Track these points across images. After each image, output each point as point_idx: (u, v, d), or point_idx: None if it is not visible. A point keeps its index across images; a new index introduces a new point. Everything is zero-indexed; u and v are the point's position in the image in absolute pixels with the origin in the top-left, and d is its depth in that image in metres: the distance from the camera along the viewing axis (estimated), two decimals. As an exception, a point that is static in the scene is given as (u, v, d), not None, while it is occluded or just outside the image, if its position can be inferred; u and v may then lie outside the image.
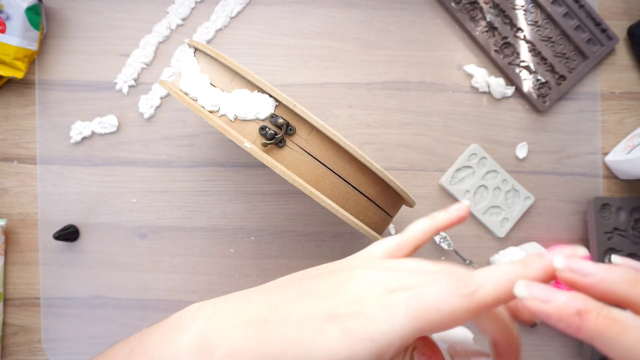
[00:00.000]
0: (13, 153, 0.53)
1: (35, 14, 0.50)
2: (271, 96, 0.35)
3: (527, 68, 0.55)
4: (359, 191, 0.37)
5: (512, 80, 0.54)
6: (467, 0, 0.54)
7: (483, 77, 0.54)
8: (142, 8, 0.54)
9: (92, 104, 0.53)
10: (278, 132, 0.36)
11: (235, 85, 0.36)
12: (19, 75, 0.51)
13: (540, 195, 0.55)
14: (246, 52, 0.54)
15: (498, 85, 0.54)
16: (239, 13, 0.55)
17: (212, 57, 0.37)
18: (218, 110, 0.37)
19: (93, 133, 0.53)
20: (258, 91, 0.36)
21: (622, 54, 0.56)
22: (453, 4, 0.54)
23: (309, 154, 0.36)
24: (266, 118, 0.36)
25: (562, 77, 0.54)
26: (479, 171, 0.54)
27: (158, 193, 0.53)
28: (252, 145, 0.35)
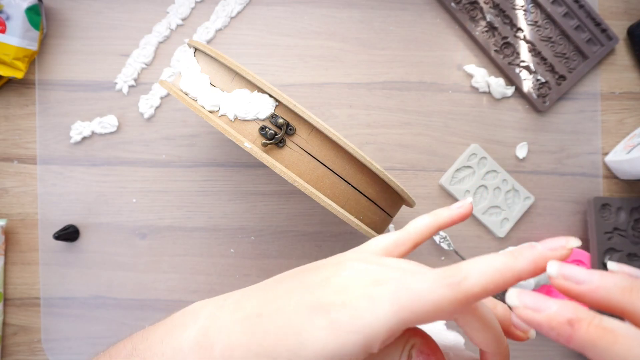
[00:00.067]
0: (13, 153, 0.53)
1: (35, 14, 0.50)
2: (271, 96, 0.35)
3: (527, 68, 0.55)
4: (359, 191, 0.37)
5: (512, 80, 0.54)
6: (467, 0, 0.54)
7: (483, 77, 0.54)
8: (142, 8, 0.54)
9: (92, 104, 0.53)
10: (278, 132, 0.36)
11: (235, 85, 0.37)
12: (19, 75, 0.51)
13: (540, 195, 0.55)
14: (246, 52, 0.54)
15: (498, 85, 0.54)
16: (239, 13, 0.55)
17: (212, 57, 0.37)
18: (218, 110, 0.37)
19: (93, 133, 0.53)
20: (258, 91, 0.36)
21: (622, 54, 0.56)
22: (453, 4, 0.54)
23: (309, 154, 0.36)
24: (266, 118, 0.36)
25: (562, 77, 0.54)
26: (479, 171, 0.54)
27: (158, 193, 0.53)
28: (252, 145, 0.35)
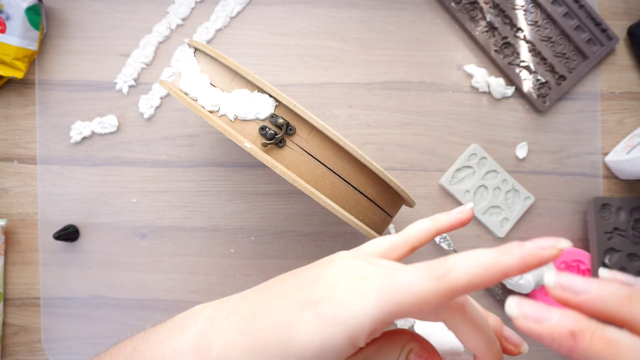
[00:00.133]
0: (13, 153, 0.53)
1: (35, 14, 0.50)
2: (271, 96, 0.35)
3: (527, 68, 0.55)
4: (359, 191, 0.37)
5: (512, 80, 0.54)
6: (467, 0, 0.54)
7: (483, 77, 0.54)
8: (142, 8, 0.54)
9: (92, 104, 0.53)
10: (278, 132, 0.36)
11: (235, 85, 0.37)
12: (19, 75, 0.51)
13: (540, 195, 0.55)
14: (246, 52, 0.54)
15: (498, 85, 0.54)
16: (239, 13, 0.55)
17: (212, 57, 0.37)
18: (218, 110, 0.37)
19: (93, 133, 0.53)
20: (258, 91, 0.36)
21: (622, 54, 0.56)
22: (453, 4, 0.54)
23: (309, 154, 0.36)
24: (266, 118, 0.36)
25: (562, 77, 0.54)
26: (479, 171, 0.54)
27: (158, 193, 0.53)
28: (252, 145, 0.35)
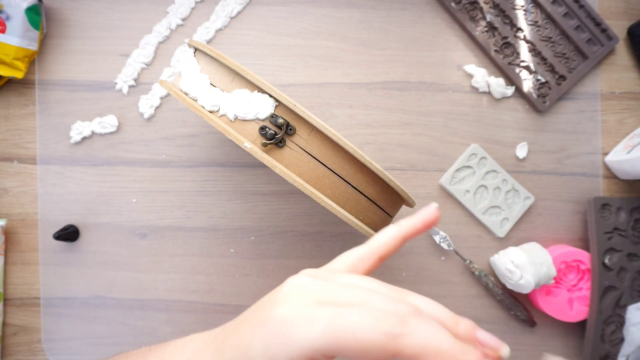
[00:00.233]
0: (13, 153, 0.53)
1: (35, 14, 0.50)
2: (271, 96, 0.35)
3: (527, 68, 0.55)
4: (359, 191, 0.37)
5: (512, 80, 0.54)
6: (467, 0, 0.54)
7: (483, 77, 0.54)
8: (142, 8, 0.54)
9: (92, 104, 0.53)
10: (278, 132, 0.36)
11: (235, 85, 0.37)
12: (19, 75, 0.51)
13: (540, 195, 0.55)
14: (246, 52, 0.54)
15: (498, 85, 0.54)
16: (239, 13, 0.55)
17: (212, 57, 0.37)
18: (218, 110, 0.37)
19: (93, 133, 0.53)
20: (258, 91, 0.36)
21: (622, 54, 0.56)
22: (453, 4, 0.54)
23: (309, 154, 0.36)
24: (266, 118, 0.36)
25: (562, 77, 0.54)
26: (479, 171, 0.54)
27: (158, 193, 0.53)
28: (252, 145, 0.35)
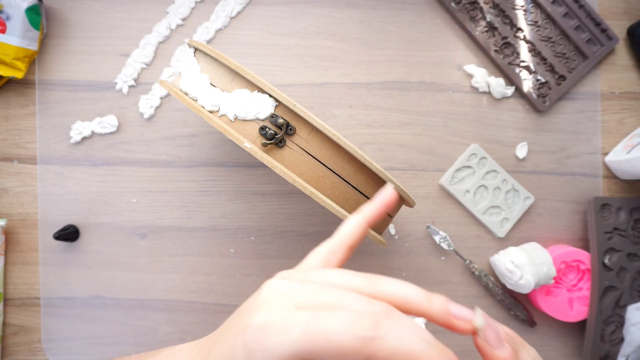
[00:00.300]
0: (13, 153, 0.53)
1: (35, 14, 0.50)
2: (271, 96, 0.35)
3: (527, 68, 0.55)
4: (359, 191, 0.37)
5: (512, 80, 0.54)
6: (467, 0, 0.54)
7: (483, 77, 0.54)
8: (142, 8, 0.54)
9: (92, 104, 0.53)
10: (278, 132, 0.36)
11: (235, 85, 0.37)
12: (19, 75, 0.51)
13: (540, 195, 0.55)
14: (246, 52, 0.54)
15: (498, 85, 0.54)
16: (239, 13, 0.55)
17: (212, 57, 0.37)
18: (218, 110, 0.37)
19: (93, 133, 0.53)
20: (258, 91, 0.36)
21: (622, 54, 0.56)
22: (453, 4, 0.54)
23: (309, 154, 0.36)
24: (266, 118, 0.36)
25: (562, 77, 0.54)
26: (479, 171, 0.54)
27: (158, 193, 0.53)
28: (252, 145, 0.35)
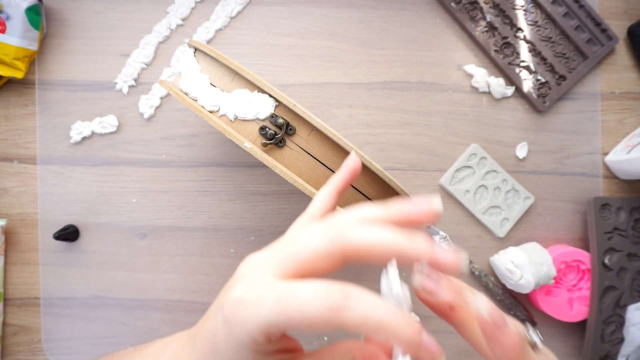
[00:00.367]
0: (13, 153, 0.53)
1: (35, 14, 0.50)
2: (271, 96, 0.35)
3: (527, 68, 0.55)
4: (359, 191, 0.37)
5: (512, 80, 0.54)
6: (467, 0, 0.54)
7: (483, 77, 0.54)
8: (142, 8, 0.54)
9: (92, 104, 0.53)
10: (278, 132, 0.36)
11: (235, 85, 0.37)
12: (19, 75, 0.51)
13: (540, 195, 0.55)
14: (246, 52, 0.54)
15: (498, 85, 0.54)
16: (239, 13, 0.55)
17: (212, 57, 0.37)
18: (218, 110, 0.37)
19: (93, 133, 0.53)
20: (258, 91, 0.36)
21: (622, 54, 0.56)
22: (453, 4, 0.54)
23: (309, 154, 0.36)
24: (266, 118, 0.36)
25: (562, 77, 0.54)
26: (479, 171, 0.54)
27: (158, 193, 0.53)
28: (252, 145, 0.35)
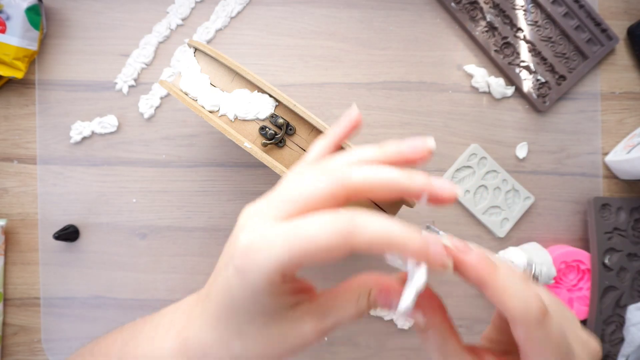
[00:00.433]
0: (13, 153, 0.53)
1: (35, 14, 0.50)
2: (271, 96, 0.36)
3: (527, 68, 0.55)
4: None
5: (512, 80, 0.54)
6: (467, 0, 0.54)
7: (483, 77, 0.54)
8: (142, 8, 0.54)
9: (92, 104, 0.53)
10: (278, 132, 0.36)
11: (235, 85, 0.37)
12: (19, 75, 0.51)
13: (540, 195, 0.55)
14: (246, 52, 0.54)
15: (498, 85, 0.54)
16: (239, 13, 0.55)
17: (212, 57, 0.37)
18: (218, 110, 0.37)
19: (93, 133, 0.53)
20: (258, 91, 0.36)
21: (622, 54, 0.56)
22: (453, 4, 0.54)
23: (309, 154, 0.36)
24: (266, 118, 0.36)
25: (562, 77, 0.54)
26: (479, 171, 0.54)
27: (158, 193, 0.53)
28: (252, 145, 0.35)
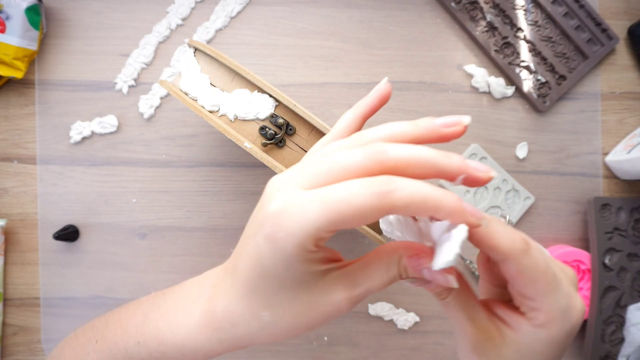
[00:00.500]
0: (13, 153, 0.53)
1: (35, 14, 0.50)
2: (271, 96, 0.36)
3: (527, 68, 0.55)
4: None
5: (512, 80, 0.54)
6: (467, 0, 0.54)
7: (483, 77, 0.54)
8: (142, 8, 0.54)
9: (92, 104, 0.53)
10: (278, 132, 0.36)
11: (235, 85, 0.37)
12: (19, 75, 0.51)
13: (540, 195, 0.55)
14: (246, 52, 0.54)
15: (498, 85, 0.54)
16: (239, 13, 0.55)
17: (212, 57, 0.37)
18: (218, 110, 0.37)
19: (93, 133, 0.53)
20: (258, 91, 0.36)
21: (622, 54, 0.56)
22: (453, 4, 0.54)
23: (309, 154, 0.36)
24: (266, 118, 0.36)
25: (562, 77, 0.54)
26: (479, 171, 0.54)
27: (158, 193, 0.53)
28: (252, 145, 0.35)
